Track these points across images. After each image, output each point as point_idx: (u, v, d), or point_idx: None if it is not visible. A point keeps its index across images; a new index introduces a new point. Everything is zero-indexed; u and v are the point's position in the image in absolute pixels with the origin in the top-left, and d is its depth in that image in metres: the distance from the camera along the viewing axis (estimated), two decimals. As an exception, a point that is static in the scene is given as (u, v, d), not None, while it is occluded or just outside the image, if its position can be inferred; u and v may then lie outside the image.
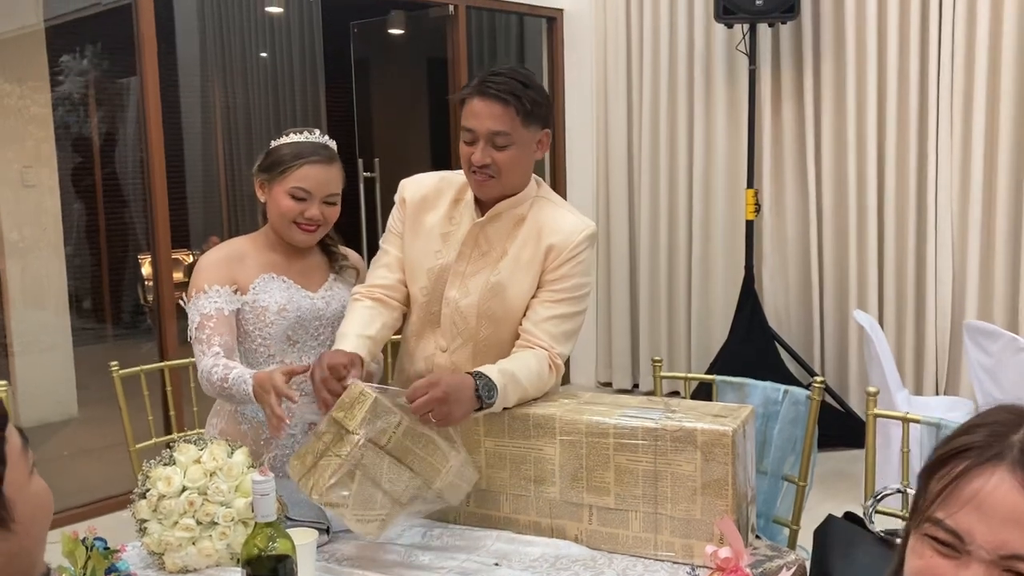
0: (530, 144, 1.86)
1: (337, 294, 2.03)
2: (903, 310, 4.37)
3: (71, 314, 4.99)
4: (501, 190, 1.88)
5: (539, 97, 1.85)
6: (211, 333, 1.89)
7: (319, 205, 1.94)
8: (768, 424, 2.17)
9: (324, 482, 1.59)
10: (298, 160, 1.92)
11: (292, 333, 1.97)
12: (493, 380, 1.70)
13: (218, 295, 1.92)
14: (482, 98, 1.81)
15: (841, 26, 4.40)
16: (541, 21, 5.37)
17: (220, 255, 1.99)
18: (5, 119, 4.56)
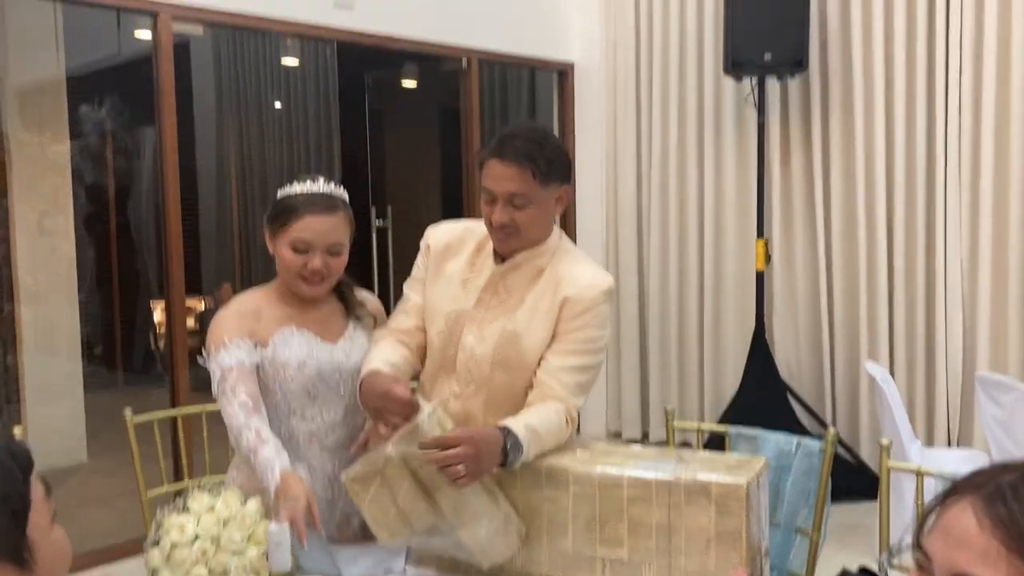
0: (548, 201, 1.90)
1: (357, 344, 2.00)
2: (914, 361, 4.36)
3: (83, 360, 5.02)
4: (521, 245, 1.91)
5: (556, 156, 1.88)
6: (235, 383, 1.84)
7: (322, 256, 1.90)
8: (781, 476, 2.16)
9: (352, 471, 1.71)
10: (299, 210, 1.89)
11: (312, 388, 1.93)
12: (520, 440, 1.71)
13: (239, 348, 1.87)
14: (500, 160, 1.85)
15: (849, 79, 4.45)
16: (552, 74, 5.45)
17: (236, 310, 1.95)
18: (25, 167, 4.64)
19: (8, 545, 0.81)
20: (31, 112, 4.75)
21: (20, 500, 0.83)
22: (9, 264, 4.56)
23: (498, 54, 4.99)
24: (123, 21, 5.32)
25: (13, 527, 0.81)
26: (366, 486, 1.69)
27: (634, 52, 5.18)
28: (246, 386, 1.85)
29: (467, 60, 4.86)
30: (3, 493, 0.81)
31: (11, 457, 0.83)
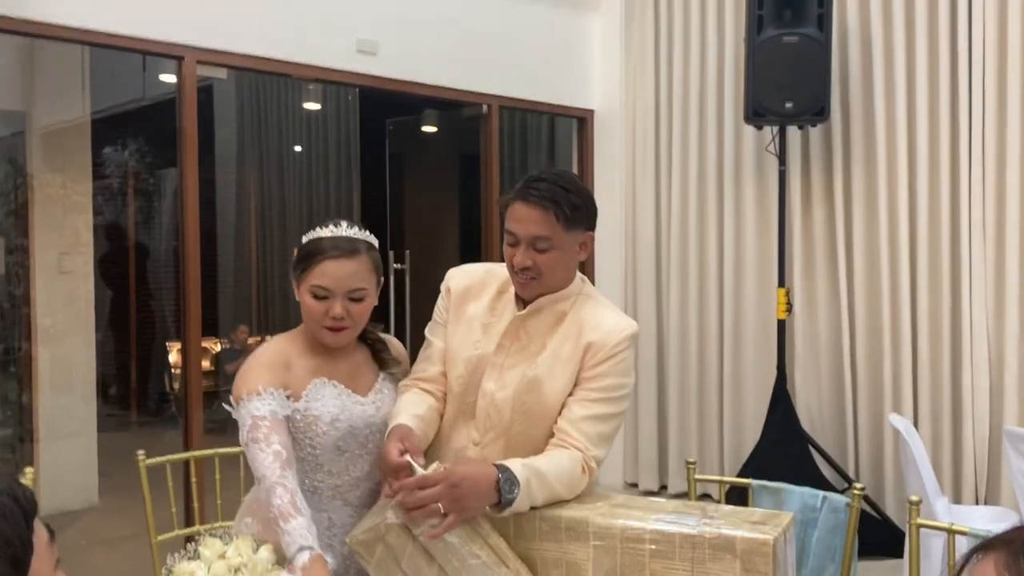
0: (572, 247, 1.87)
1: (387, 397, 1.94)
2: (939, 414, 4.28)
3: (98, 400, 5.01)
4: (542, 290, 1.88)
5: (580, 202, 1.85)
6: (268, 432, 1.73)
7: (342, 302, 1.83)
8: (807, 531, 2.10)
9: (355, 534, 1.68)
10: (318, 256, 1.83)
11: (343, 443, 1.87)
12: (516, 475, 1.66)
13: (272, 399, 1.78)
14: (524, 203, 1.83)
15: (871, 128, 4.44)
16: (572, 121, 5.47)
17: (268, 360, 1.86)
18: (46, 207, 4.67)
19: None
20: (55, 153, 4.80)
21: (22, 546, 0.80)
22: (28, 303, 4.57)
23: (518, 100, 5.01)
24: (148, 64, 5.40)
25: (13, 574, 0.78)
26: (371, 550, 1.65)
27: (654, 99, 5.20)
28: (280, 436, 1.75)
29: (487, 106, 4.89)
30: (5, 538, 0.78)
31: (14, 501, 0.81)
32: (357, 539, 1.68)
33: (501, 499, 1.66)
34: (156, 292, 6.25)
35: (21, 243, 4.62)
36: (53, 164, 4.78)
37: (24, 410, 4.64)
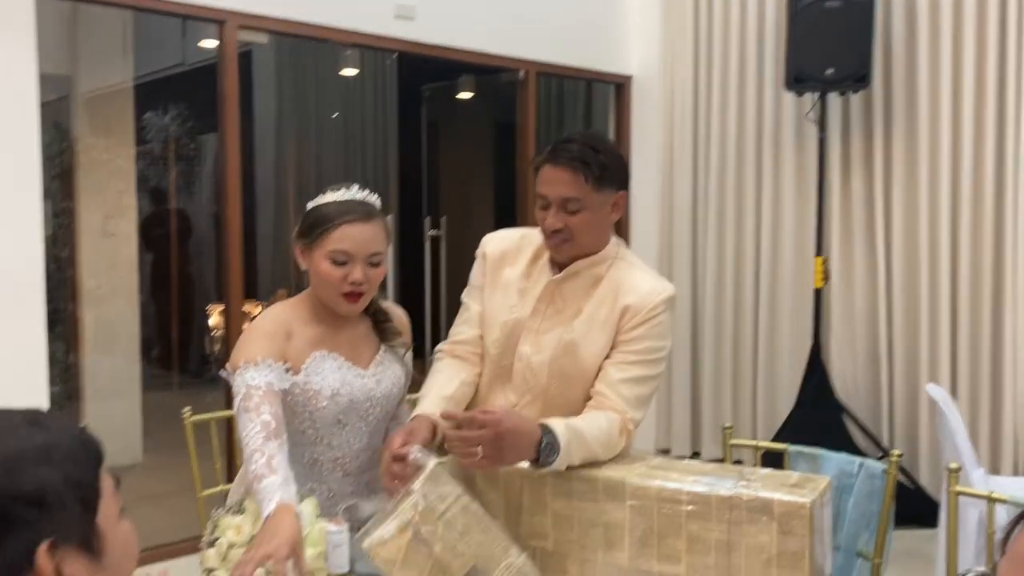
0: (604, 207, 1.87)
1: (388, 370, 1.94)
2: (978, 384, 4.25)
3: (141, 361, 5.11)
4: (576, 251, 1.89)
5: (610, 161, 1.86)
6: (260, 402, 1.69)
7: (362, 267, 1.80)
8: (842, 497, 2.11)
9: (375, 536, 1.58)
10: (336, 220, 1.79)
11: (343, 416, 1.87)
12: (558, 439, 1.68)
13: (270, 370, 1.74)
14: (553, 165, 1.84)
15: (914, 95, 4.37)
16: (610, 87, 5.44)
17: (269, 330, 1.82)
18: (91, 171, 4.75)
19: (79, 532, 0.82)
20: (99, 117, 4.87)
21: (91, 489, 0.84)
22: (73, 265, 4.67)
23: (555, 66, 4.99)
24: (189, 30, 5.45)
25: (84, 515, 0.82)
26: (396, 546, 1.58)
27: (693, 65, 5.15)
28: (270, 407, 1.69)
29: (524, 72, 4.87)
30: (76, 480, 0.82)
31: (84, 447, 0.85)
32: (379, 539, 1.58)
33: (539, 460, 1.69)
34: (197, 256, 6.34)
35: (67, 206, 4.70)
36: (97, 128, 4.85)
37: (70, 369, 4.75)
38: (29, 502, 0.78)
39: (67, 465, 0.82)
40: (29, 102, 3.18)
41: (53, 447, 0.82)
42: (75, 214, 4.67)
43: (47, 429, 0.83)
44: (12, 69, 3.13)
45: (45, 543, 0.78)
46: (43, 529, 0.79)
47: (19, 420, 0.82)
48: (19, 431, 0.81)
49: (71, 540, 0.81)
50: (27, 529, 0.78)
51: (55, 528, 0.79)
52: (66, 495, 0.81)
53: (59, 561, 0.79)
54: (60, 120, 4.80)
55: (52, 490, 0.80)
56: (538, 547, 1.78)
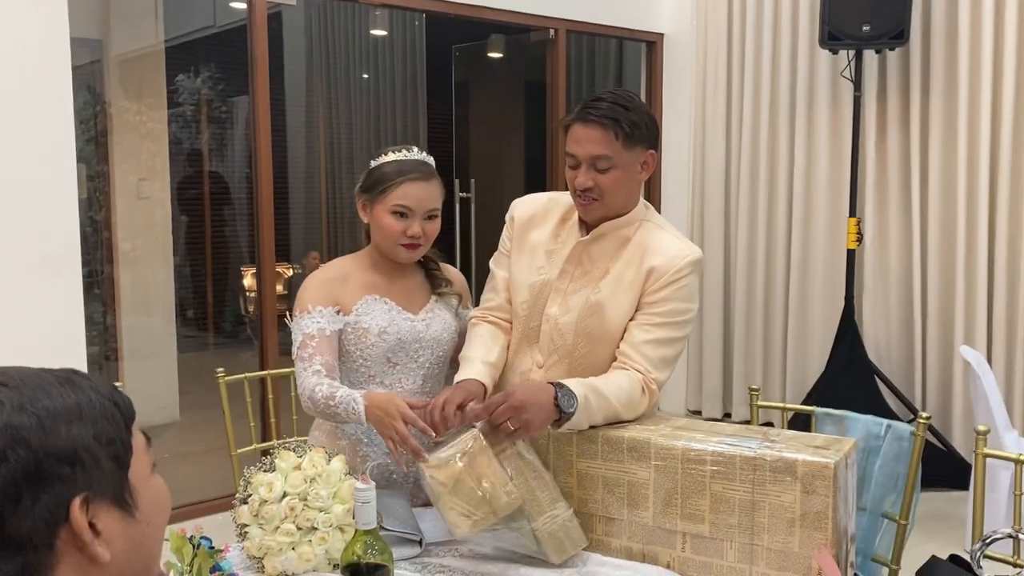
0: (633, 165, 1.87)
1: (437, 316, 2.03)
2: (1013, 347, 4.19)
3: (177, 322, 5.20)
4: (605, 211, 1.89)
5: (640, 119, 1.85)
6: (313, 352, 1.90)
7: (420, 221, 1.95)
8: (869, 459, 2.10)
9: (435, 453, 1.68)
10: (399, 178, 1.93)
11: (392, 355, 1.98)
12: (574, 393, 1.70)
13: (321, 316, 1.93)
14: (583, 124, 1.84)
15: (954, 53, 4.27)
16: (641, 45, 5.37)
17: (325, 276, 2.00)
18: (124, 134, 4.80)
19: (112, 488, 0.84)
20: (131, 81, 4.90)
21: (123, 446, 0.87)
22: (109, 228, 4.73)
23: (586, 24, 4.93)
24: (219, -9, 5.45)
25: (116, 470, 0.85)
26: (450, 472, 1.65)
27: (726, 22, 5.06)
28: (323, 356, 1.90)
29: (554, 31, 4.83)
30: (108, 437, 0.84)
31: (115, 406, 0.87)
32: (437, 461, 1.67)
33: (561, 414, 1.70)
34: (230, 218, 6.40)
35: (101, 169, 4.76)
36: (129, 91, 4.89)
37: (108, 330, 4.84)
38: (62, 459, 0.81)
39: (99, 423, 0.84)
40: (62, 66, 3.21)
41: (86, 405, 0.84)
42: (110, 177, 4.72)
43: (79, 388, 0.85)
44: (45, 33, 3.16)
45: (79, 498, 0.81)
46: (77, 485, 0.81)
47: (52, 380, 0.85)
48: (52, 390, 0.83)
49: (104, 495, 0.84)
50: (61, 485, 0.80)
51: (89, 484, 0.82)
52: (99, 452, 0.83)
53: (93, 515, 0.82)
54: (93, 83, 4.84)
55: (85, 447, 0.82)
56: (564, 506, 1.80)
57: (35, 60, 3.15)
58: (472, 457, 1.65)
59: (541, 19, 4.75)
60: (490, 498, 1.63)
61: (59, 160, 3.22)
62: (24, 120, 3.14)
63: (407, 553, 1.72)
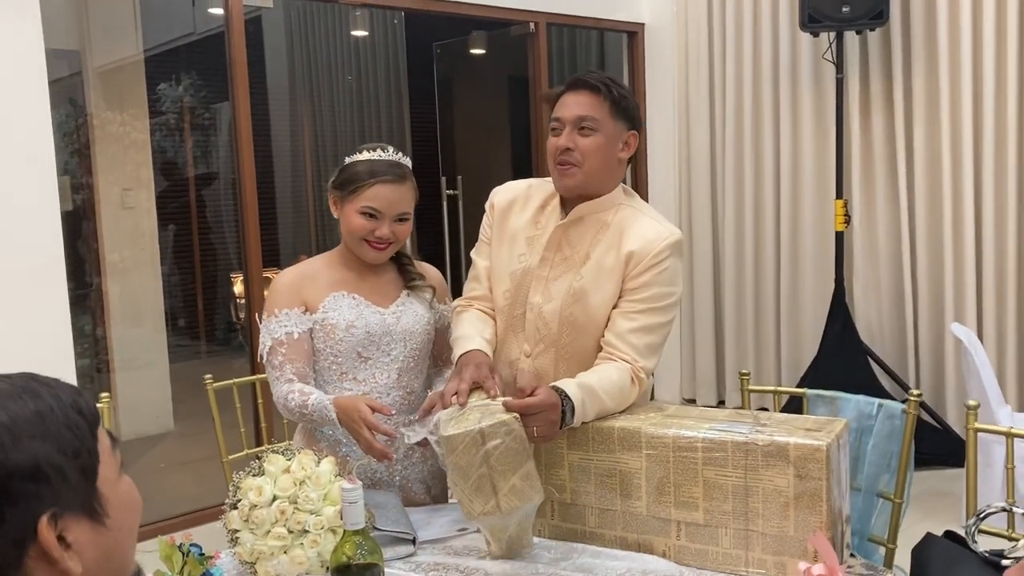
0: (616, 139, 1.87)
1: (408, 309, 2.01)
2: (1004, 322, 4.20)
3: (167, 331, 5.18)
4: (583, 180, 1.87)
5: (628, 96, 1.89)
6: (283, 360, 1.91)
7: (389, 224, 1.93)
8: (862, 439, 2.10)
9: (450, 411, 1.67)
10: (370, 179, 1.91)
11: (363, 350, 1.96)
12: (572, 399, 1.69)
13: (287, 318, 1.93)
14: (573, 90, 1.87)
15: (933, 31, 4.27)
16: (622, 36, 5.36)
17: (291, 276, 2.00)
18: (108, 145, 4.77)
19: (80, 499, 0.83)
20: (112, 91, 4.88)
21: (89, 455, 0.84)
22: (96, 239, 4.71)
23: (566, 16, 4.92)
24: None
25: (84, 482, 0.83)
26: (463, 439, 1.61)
27: (706, 9, 5.06)
28: (294, 364, 1.92)
29: (534, 24, 4.81)
30: (74, 450, 0.82)
31: (79, 414, 0.85)
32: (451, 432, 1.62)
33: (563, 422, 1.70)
34: (217, 225, 6.38)
35: (86, 181, 4.74)
36: (111, 102, 4.86)
37: (99, 342, 4.82)
38: (26, 476, 0.78)
39: (63, 434, 0.82)
40: (39, 78, 3.19)
41: (48, 416, 0.82)
42: (95, 188, 4.70)
43: (39, 397, 0.82)
44: (19, 46, 3.14)
45: (46, 515, 0.79)
46: (43, 501, 0.79)
47: (10, 390, 0.82)
48: (10, 403, 0.80)
49: (72, 507, 0.82)
50: (27, 503, 0.78)
51: (55, 498, 0.80)
52: (64, 465, 0.81)
53: (62, 528, 0.80)
54: (74, 96, 4.81)
55: (49, 462, 0.80)
56: (557, 499, 1.80)
57: (10, 73, 3.13)
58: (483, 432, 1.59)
59: (521, 13, 4.73)
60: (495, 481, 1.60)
61: (40, 173, 3.20)
62: (2, 134, 3.11)
63: (401, 552, 1.71)
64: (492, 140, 6.13)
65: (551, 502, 1.80)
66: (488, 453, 1.60)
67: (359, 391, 1.97)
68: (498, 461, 1.61)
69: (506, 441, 1.61)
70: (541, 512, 1.81)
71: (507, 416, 1.62)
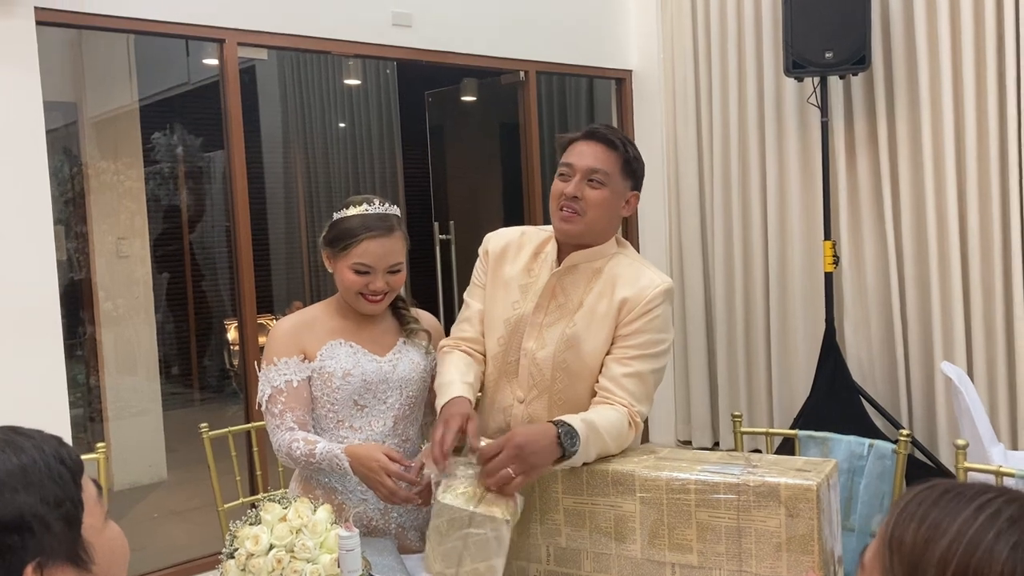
0: (621, 196, 1.91)
1: (405, 356, 2.03)
2: (993, 360, 4.23)
3: (161, 379, 5.17)
4: (584, 231, 1.90)
5: (638, 157, 1.94)
6: (283, 408, 1.93)
7: (382, 276, 1.95)
8: (854, 479, 2.12)
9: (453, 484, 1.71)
10: (360, 235, 1.93)
11: (359, 398, 1.97)
12: (576, 429, 1.70)
13: (287, 367, 1.95)
14: (589, 141, 1.90)
15: (914, 75, 4.36)
16: (610, 83, 5.45)
17: (290, 324, 2.02)
18: (102, 194, 4.81)
19: (65, 548, 0.83)
20: (107, 140, 4.93)
21: (73, 505, 0.85)
22: (90, 288, 4.73)
23: (555, 64, 5.01)
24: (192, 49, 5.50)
25: (68, 531, 0.84)
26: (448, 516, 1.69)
27: (692, 57, 5.16)
28: (294, 412, 1.94)
29: (524, 72, 4.90)
30: (57, 499, 0.83)
31: (61, 463, 0.86)
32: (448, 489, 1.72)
33: (564, 452, 1.70)
34: (211, 272, 6.40)
35: (80, 230, 4.76)
36: (106, 152, 4.91)
37: (92, 391, 4.82)
38: (11, 528, 0.79)
39: (47, 485, 0.83)
40: (36, 129, 3.23)
41: (31, 468, 0.83)
42: (89, 237, 4.73)
43: (22, 450, 0.84)
44: (18, 97, 3.18)
45: (31, 565, 0.79)
46: (28, 551, 0.80)
47: None
48: None
49: (57, 557, 0.82)
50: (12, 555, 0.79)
51: (40, 549, 0.80)
52: (48, 515, 0.82)
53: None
54: (69, 146, 4.86)
55: (33, 513, 0.81)
56: (552, 544, 1.80)
57: (9, 124, 3.17)
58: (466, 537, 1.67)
59: (511, 62, 4.82)
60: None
61: (36, 222, 3.22)
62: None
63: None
64: (483, 186, 6.19)
65: (546, 547, 1.81)
66: (468, 535, 1.66)
67: (356, 439, 1.98)
68: (474, 544, 1.66)
69: (487, 534, 1.66)
70: (536, 558, 1.82)
71: (499, 513, 1.66)
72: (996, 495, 0.78)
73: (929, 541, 0.76)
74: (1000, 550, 0.73)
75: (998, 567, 0.72)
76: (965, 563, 0.74)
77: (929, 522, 0.77)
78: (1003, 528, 0.74)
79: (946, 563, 0.74)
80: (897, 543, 0.79)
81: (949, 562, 0.74)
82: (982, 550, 0.73)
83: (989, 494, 0.78)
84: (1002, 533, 0.74)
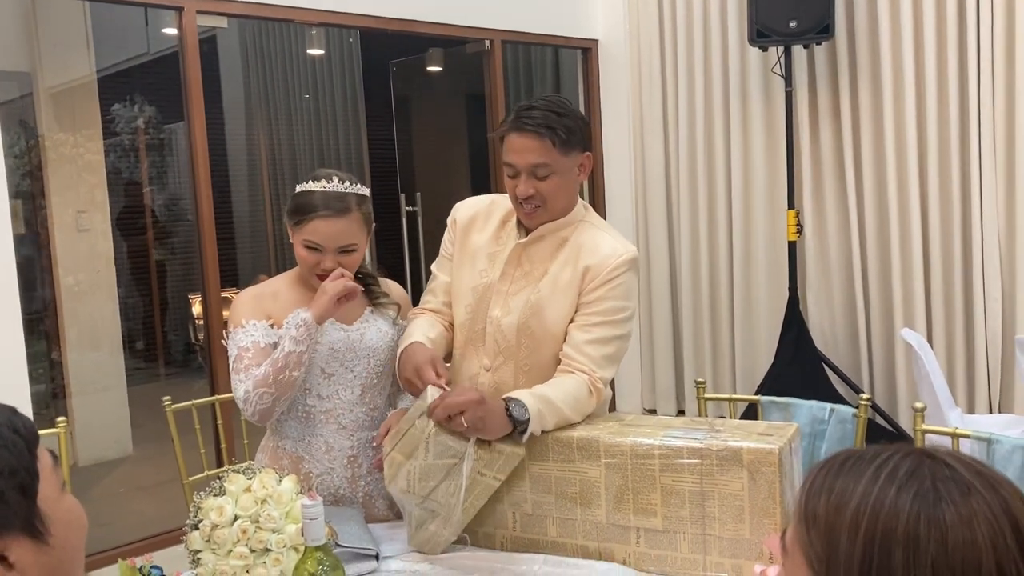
0: (571, 170, 1.90)
1: (372, 326, 2.03)
2: (952, 326, 4.31)
3: (125, 354, 5.12)
4: (549, 216, 1.93)
5: (574, 124, 1.89)
6: (248, 363, 1.90)
7: (333, 256, 1.93)
8: (815, 443, 2.15)
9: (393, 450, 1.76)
10: (311, 213, 1.91)
11: (326, 366, 1.97)
12: (524, 402, 1.73)
13: (255, 328, 1.94)
14: (519, 133, 1.87)
15: (876, 44, 4.39)
16: (576, 52, 5.43)
17: (256, 292, 2.02)
18: (61, 167, 4.72)
19: (20, 518, 0.82)
20: (65, 112, 4.83)
21: (28, 474, 0.84)
22: (50, 263, 4.65)
23: (521, 33, 4.97)
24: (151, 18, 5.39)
25: (23, 500, 0.83)
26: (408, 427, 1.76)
27: (657, 26, 5.14)
28: (259, 366, 1.91)
29: (490, 41, 4.86)
30: (11, 468, 0.82)
31: (15, 432, 0.85)
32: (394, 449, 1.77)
33: (515, 424, 1.72)
34: (174, 246, 6.33)
35: (39, 204, 4.68)
36: (63, 124, 4.81)
37: (55, 367, 4.75)
38: None
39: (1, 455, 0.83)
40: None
41: None
42: (48, 211, 4.64)
43: None
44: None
45: None
46: None
47: None
48: None
49: (12, 527, 0.81)
50: None
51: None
52: (2, 485, 0.81)
53: (2, 549, 0.80)
54: (25, 118, 4.76)
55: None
56: (518, 510, 1.82)
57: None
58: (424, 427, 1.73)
59: (476, 31, 4.78)
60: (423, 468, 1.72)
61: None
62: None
63: (363, 568, 1.72)
64: (450, 157, 6.16)
65: (512, 513, 1.82)
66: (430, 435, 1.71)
67: (323, 408, 1.98)
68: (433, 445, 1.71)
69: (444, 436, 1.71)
70: (502, 524, 1.84)
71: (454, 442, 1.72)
72: (892, 452, 0.82)
73: (839, 508, 0.79)
74: (904, 501, 0.77)
75: (904, 516, 0.76)
76: (874, 520, 0.77)
77: (836, 491, 0.81)
78: (903, 482, 0.78)
79: (857, 524, 0.78)
80: (811, 517, 0.82)
81: (860, 523, 0.78)
82: (888, 505, 0.77)
83: (885, 453, 0.82)
84: (903, 487, 0.78)
